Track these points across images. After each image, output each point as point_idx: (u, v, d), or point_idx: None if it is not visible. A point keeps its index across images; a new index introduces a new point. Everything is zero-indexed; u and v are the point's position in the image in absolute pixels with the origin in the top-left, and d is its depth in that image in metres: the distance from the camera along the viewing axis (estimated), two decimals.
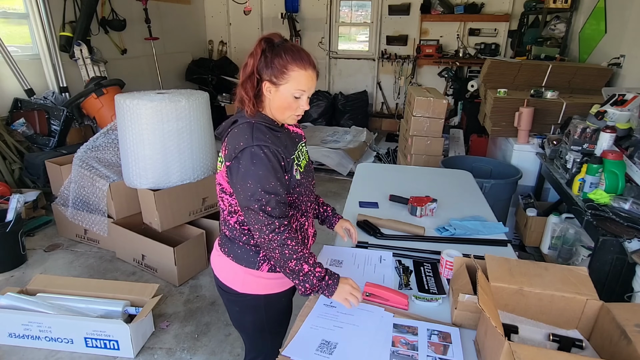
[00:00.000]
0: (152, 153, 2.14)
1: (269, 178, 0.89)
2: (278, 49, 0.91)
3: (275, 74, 0.91)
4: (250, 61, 0.92)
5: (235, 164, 0.90)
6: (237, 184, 0.91)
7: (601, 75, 2.76)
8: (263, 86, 0.93)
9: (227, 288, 1.04)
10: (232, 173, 0.92)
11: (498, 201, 2.11)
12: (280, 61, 0.90)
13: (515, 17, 4.50)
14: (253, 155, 0.88)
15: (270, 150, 0.90)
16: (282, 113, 0.95)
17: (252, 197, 0.89)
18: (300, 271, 0.91)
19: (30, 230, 2.64)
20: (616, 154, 1.72)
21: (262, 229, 0.89)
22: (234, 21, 5.58)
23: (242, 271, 1.01)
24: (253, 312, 1.05)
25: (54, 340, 1.70)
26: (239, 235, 1.00)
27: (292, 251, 0.90)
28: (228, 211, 1.00)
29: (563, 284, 0.86)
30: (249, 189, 0.89)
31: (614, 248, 1.52)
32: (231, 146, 0.92)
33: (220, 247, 1.05)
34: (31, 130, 3.12)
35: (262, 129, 0.93)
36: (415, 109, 2.64)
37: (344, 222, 1.21)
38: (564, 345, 0.80)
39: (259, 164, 0.88)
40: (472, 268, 0.95)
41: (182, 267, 2.17)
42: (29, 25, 3.41)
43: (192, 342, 1.80)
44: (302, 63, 0.91)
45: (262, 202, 0.88)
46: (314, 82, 0.95)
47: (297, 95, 0.93)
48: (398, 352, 0.84)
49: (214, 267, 1.08)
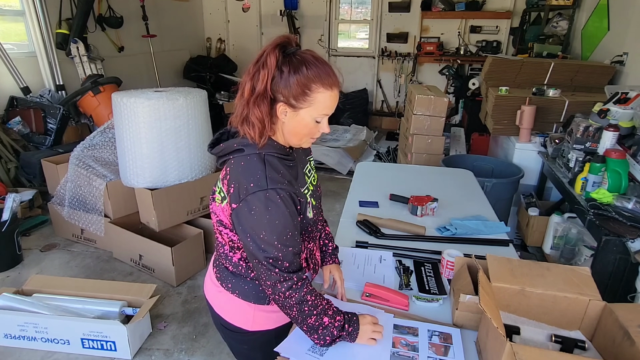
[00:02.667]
0: (149, 152, 2.12)
1: (286, 228, 0.76)
2: (297, 63, 0.74)
3: (295, 95, 0.75)
4: (263, 74, 0.74)
5: (244, 209, 0.75)
6: (246, 232, 0.76)
7: (604, 73, 2.74)
8: (277, 108, 0.76)
9: (235, 327, 0.92)
10: (240, 218, 0.77)
11: (499, 200, 2.10)
12: (301, 79, 0.74)
13: (517, 14, 4.47)
14: (268, 202, 0.74)
15: (287, 193, 0.76)
16: (300, 139, 0.81)
17: (265, 250, 0.75)
18: (320, 326, 0.81)
19: (26, 230, 2.63)
20: (619, 152, 1.71)
21: (277, 285, 0.77)
22: (233, 18, 5.54)
23: (251, 308, 0.89)
24: (265, 348, 0.90)
25: (50, 341, 1.70)
26: (246, 271, 0.87)
27: (311, 307, 0.79)
28: (229, 247, 0.87)
29: (565, 285, 0.86)
30: (262, 240, 0.75)
31: (617, 248, 1.51)
32: (238, 184, 0.76)
33: (221, 282, 0.91)
34: (27, 129, 3.11)
35: (275, 164, 0.78)
36: (416, 107, 2.62)
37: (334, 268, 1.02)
38: (566, 347, 0.79)
39: (274, 212, 0.74)
40: (474, 268, 0.94)
41: (180, 267, 2.16)
42: (24, 23, 3.38)
43: (190, 343, 1.80)
44: (328, 81, 0.75)
45: (277, 257, 0.76)
46: (337, 101, 0.79)
47: (319, 120, 0.79)
48: (398, 353, 0.83)
49: (213, 305, 0.95)
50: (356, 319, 0.85)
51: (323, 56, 0.91)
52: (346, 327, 0.83)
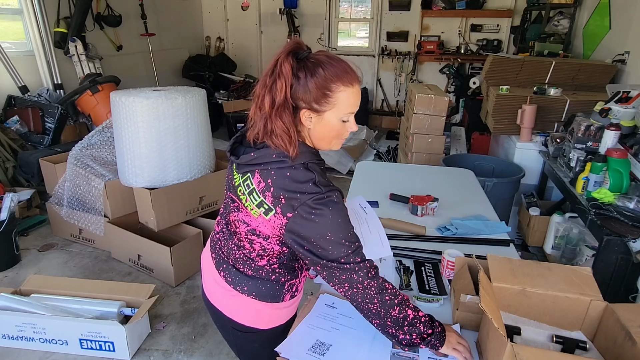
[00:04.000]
0: (148, 151, 2.11)
1: (348, 225, 0.77)
2: (313, 66, 0.73)
3: (316, 98, 0.74)
4: (280, 84, 0.73)
5: (303, 217, 0.74)
6: (309, 238, 0.75)
7: (605, 72, 2.73)
8: (301, 115, 0.76)
9: (248, 328, 0.92)
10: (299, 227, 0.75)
11: (500, 200, 2.10)
12: (319, 82, 0.73)
13: (518, 13, 4.45)
14: (327, 204, 0.74)
15: (339, 193, 0.77)
16: (329, 143, 0.81)
17: (336, 250, 0.75)
18: (405, 319, 0.78)
19: (24, 230, 2.62)
20: (621, 152, 1.71)
21: (354, 278, 0.76)
22: (232, 17, 5.52)
23: (267, 308, 0.90)
24: (273, 343, 0.91)
25: (48, 342, 1.69)
26: (267, 274, 0.87)
27: (392, 295, 0.78)
28: (257, 254, 0.86)
29: (566, 285, 0.85)
30: (329, 242, 0.75)
31: (619, 248, 1.51)
32: (290, 195, 0.75)
33: (234, 286, 0.89)
34: (25, 128, 3.09)
35: (319, 170, 0.78)
36: (416, 106, 2.61)
37: None
38: (567, 347, 0.79)
39: (335, 213, 0.75)
40: (474, 268, 0.94)
41: (179, 268, 2.15)
42: (22, 21, 3.37)
43: (189, 344, 1.79)
44: (347, 78, 0.74)
45: (348, 253, 0.76)
46: (360, 96, 0.78)
47: (345, 119, 0.78)
48: (398, 353, 0.83)
49: (222, 308, 0.93)
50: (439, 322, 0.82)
51: None
52: (436, 324, 0.80)
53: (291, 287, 0.92)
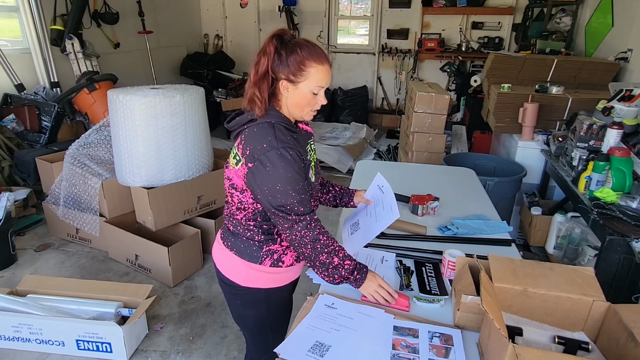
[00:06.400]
0: (145, 150, 2.10)
1: (297, 179, 0.91)
2: (292, 46, 0.91)
3: (293, 71, 0.91)
4: (264, 60, 0.91)
5: (259, 167, 0.90)
6: (263, 186, 0.90)
7: (608, 69, 2.72)
8: (280, 85, 0.93)
9: (229, 281, 1.05)
10: (255, 176, 0.91)
11: (502, 199, 2.09)
12: (297, 58, 0.90)
13: (519, 10, 4.44)
14: (280, 158, 0.89)
15: (294, 151, 0.91)
16: (302, 110, 0.96)
17: (282, 199, 0.90)
18: (330, 264, 0.94)
19: (20, 230, 2.60)
20: (623, 151, 1.69)
21: (294, 226, 0.91)
22: (230, 14, 5.49)
23: (244, 265, 1.02)
24: (254, 306, 1.07)
25: (44, 343, 1.68)
26: (243, 230, 1.01)
27: (323, 245, 0.93)
28: (237, 207, 1.01)
29: (569, 285, 0.85)
30: (278, 191, 0.89)
31: (621, 248, 1.50)
32: (252, 147, 0.91)
33: (223, 240, 1.06)
34: (21, 127, 3.08)
35: (283, 130, 0.93)
36: (417, 104, 2.60)
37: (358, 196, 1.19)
38: (569, 348, 0.79)
39: (287, 166, 0.89)
40: (475, 268, 0.94)
41: (177, 268, 2.14)
42: (19, 19, 3.34)
43: (187, 345, 1.78)
44: (319, 58, 0.91)
45: (293, 203, 0.90)
46: (330, 76, 0.95)
47: (315, 92, 0.94)
48: (399, 355, 0.83)
49: (215, 260, 1.10)
50: (366, 270, 0.98)
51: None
52: (355, 274, 0.96)
53: (271, 253, 1.02)
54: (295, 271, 1.10)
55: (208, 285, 2.17)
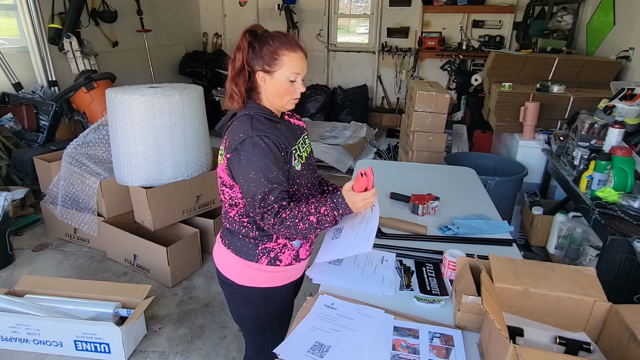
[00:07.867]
0: (144, 149, 2.09)
1: (270, 168, 0.91)
2: (264, 38, 0.93)
3: (267, 62, 0.93)
4: (239, 55, 0.94)
5: (236, 156, 0.92)
6: (239, 175, 0.93)
7: (610, 68, 2.71)
8: (257, 77, 0.95)
9: (227, 280, 1.06)
10: (233, 165, 0.93)
11: (503, 199, 2.08)
12: (269, 48, 0.92)
13: (520, 9, 4.42)
14: (254, 146, 0.90)
15: (270, 139, 0.91)
16: (281, 99, 0.97)
17: (255, 187, 0.90)
18: (311, 225, 0.92)
19: (18, 229, 2.60)
20: (625, 150, 1.68)
21: (265, 216, 0.91)
22: (229, 13, 5.47)
23: (241, 263, 1.03)
24: (252, 305, 1.07)
25: (42, 343, 1.68)
26: (239, 227, 1.02)
27: (292, 219, 0.91)
28: (229, 204, 1.02)
29: (570, 285, 0.85)
30: (251, 179, 0.91)
31: (623, 248, 1.49)
32: (231, 138, 0.94)
33: (222, 239, 1.08)
34: (19, 126, 3.07)
35: (262, 120, 0.95)
36: (417, 103, 2.59)
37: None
38: (570, 349, 0.78)
39: (260, 154, 0.90)
40: (476, 268, 0.93)
41: (176, 268, 2.13)
42: (16, 17, 3.33)
43: (186, 345, 1.77)
44: (291, 46, 0.93)
45: (264, 192, 0.90)
46: (305, 63, 0.97)
47: (292, 79, 0.95)
48: (399, 355, 0.82)
49: (215, 259, 1.11)
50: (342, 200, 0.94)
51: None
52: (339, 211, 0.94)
53: (267, 251, 1.01)
54: (295, 271, 1.09)
55: (207, 285, 2.16)
